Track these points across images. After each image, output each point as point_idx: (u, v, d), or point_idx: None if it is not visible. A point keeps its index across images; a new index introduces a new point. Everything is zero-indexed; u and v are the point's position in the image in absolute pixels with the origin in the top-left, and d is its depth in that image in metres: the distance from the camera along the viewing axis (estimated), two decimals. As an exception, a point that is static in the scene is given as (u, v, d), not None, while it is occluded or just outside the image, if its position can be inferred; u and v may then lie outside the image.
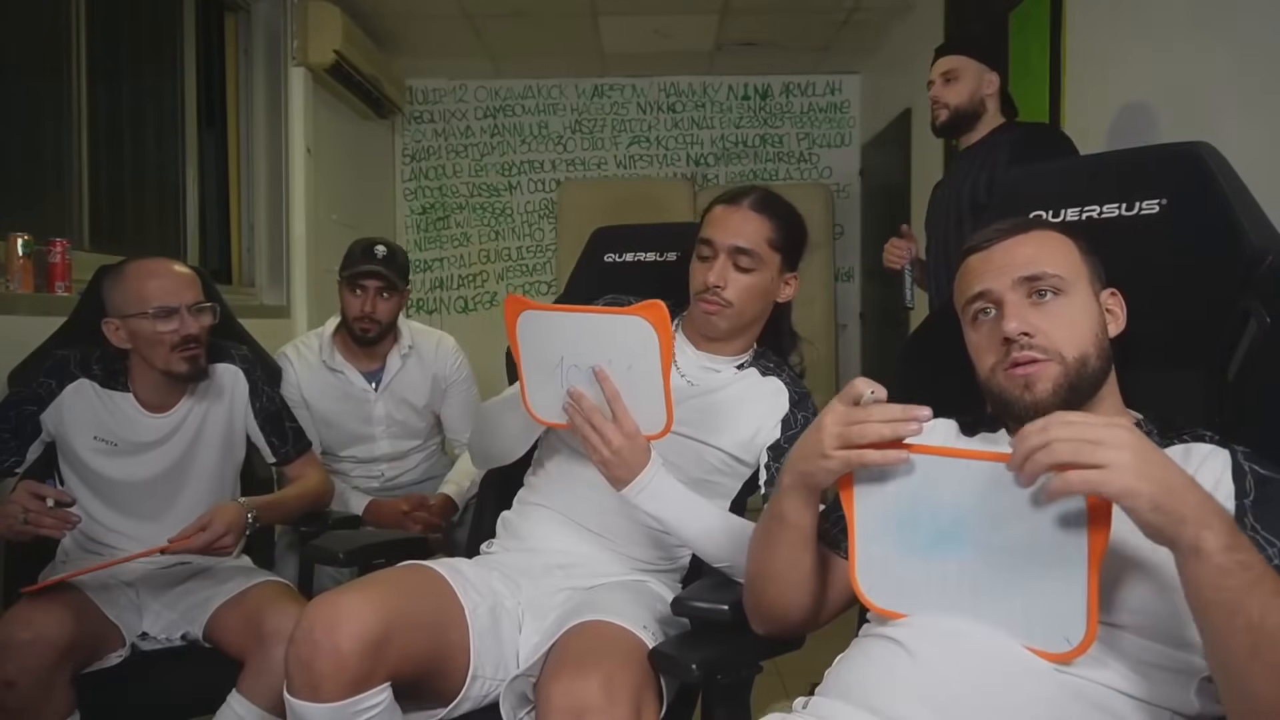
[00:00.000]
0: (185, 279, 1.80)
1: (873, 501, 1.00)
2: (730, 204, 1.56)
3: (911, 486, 0.97)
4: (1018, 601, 0.92)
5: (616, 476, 1.35)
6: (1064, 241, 1.13)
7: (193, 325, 1.77)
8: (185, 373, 1.82)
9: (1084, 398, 1.08)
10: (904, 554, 0.99)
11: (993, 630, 0.95)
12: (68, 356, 1.86)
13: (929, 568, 0.97)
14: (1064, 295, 1.08)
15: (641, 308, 1.28)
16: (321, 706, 1.22)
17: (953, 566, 0.95)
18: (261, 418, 1.99)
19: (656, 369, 1.28)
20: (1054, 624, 0.90)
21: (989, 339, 1.11)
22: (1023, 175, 1.36)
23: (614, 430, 1.32)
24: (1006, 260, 1.11)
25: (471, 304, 5.53)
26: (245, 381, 1.98)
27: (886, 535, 0.99)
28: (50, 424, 1.82)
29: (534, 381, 1.40)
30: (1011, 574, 0.91)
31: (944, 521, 0.95)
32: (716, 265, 1.52)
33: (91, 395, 1.83)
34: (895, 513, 0.98)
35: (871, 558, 1.02)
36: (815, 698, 1.04)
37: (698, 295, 1.56)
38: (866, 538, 1.01)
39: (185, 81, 3.53)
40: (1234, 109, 2.11)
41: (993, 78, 2.56)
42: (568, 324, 1.36)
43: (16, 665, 1.52)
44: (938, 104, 2.57)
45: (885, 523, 0.99)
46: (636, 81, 5.48)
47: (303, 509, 2.01)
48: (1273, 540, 0.94)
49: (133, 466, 1.84)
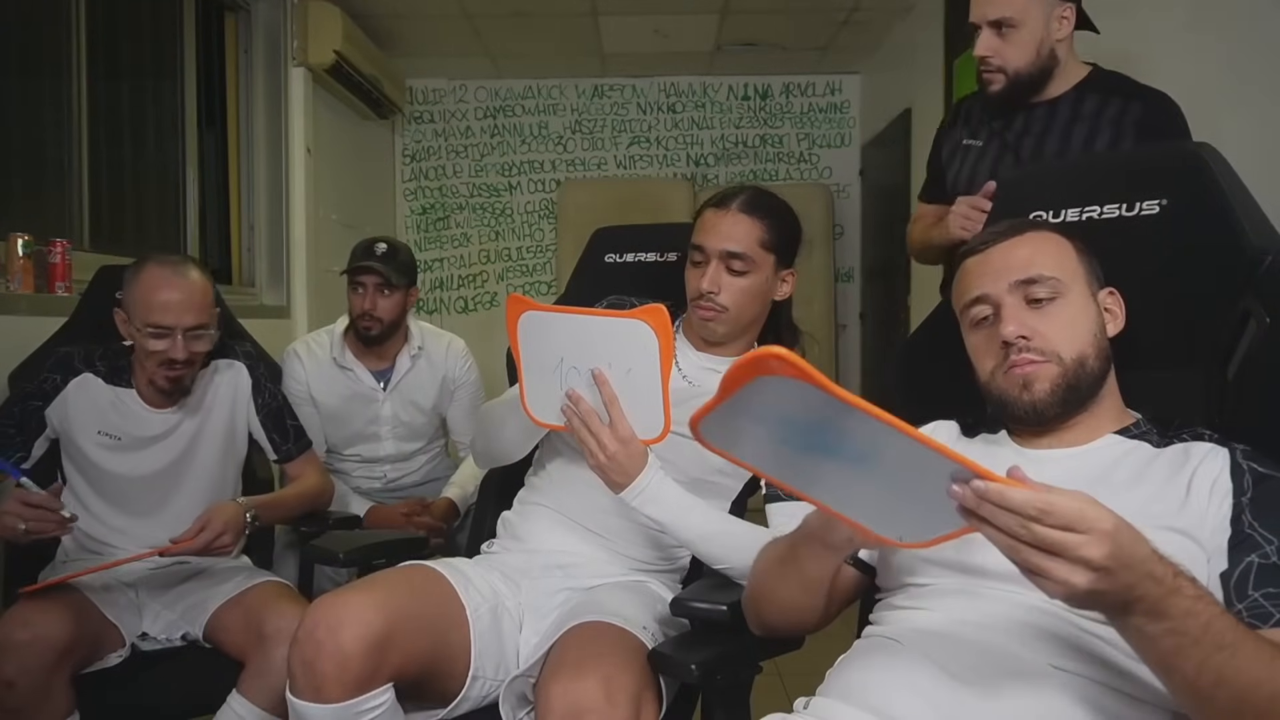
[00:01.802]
0: (190, 300, 1.75)
1: (769, 400, 0.83)
2: (719, 207, 1.55)
3: (818, 413, 0.81)
4: (888, 505, 0.85)
5: (613, 480, 1.35)
6: (1060, 242, 1.13)
7: (181, 351, 1.75)
8: (165, 390, 1.82)
9: (1083, 398, 1.08)
10: (778, 442, 0.86)
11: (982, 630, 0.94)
12: (72, 353, 1.86)
13: (796, 458, 0.86)
14: (1061, 297, 1.08)
15: (642, 311, 1.28)
16: (324, 707, 1.22)
17: (822, 467, 0.85)
18: (264, 414, 1.99)
19: (656, 373, 1.28)
20: (921, 528, 0.84)
21: (988, 342, 1.11)
22: (1023, 175, 1.36)
23: (610, 435, 1.32)
24: (1003, 263, 1.11)
25: (471, 304, 5.53)
26: (249, 378, 1.98)
27: (765, 420, 0.85)
28: (55, 419, 1.82)
29: (533, 382, 1.40)
30: (887, 489, 0.84)
31: (829, 441, 0.82)
32: (709, 271, 1.52)
33: (96, 390, 1.84)
34: (786, 414, 0.83)
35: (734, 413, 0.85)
36: (815, 698, 1.04)
37: (693, 301, 1.56)
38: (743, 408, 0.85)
39: (185, 81, 3.53)
40: (1234, 109, 2.10)
41: (1066, 10, 1.84)
42: (568, 326, 1.35)
43: (16, 665, 1.52)
44: (989, 68, 1.88)
45: (770, 412, 0.84)
46: (636, 82, 5.48)
47: (302, 509, 2.01)
48: (1270, 537, 0.94)
49: (136, 461, 1.85)
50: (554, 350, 1.35)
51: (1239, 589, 0.93)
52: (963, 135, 2.08)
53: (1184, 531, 0.97)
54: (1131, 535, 0.77)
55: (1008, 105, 1.92)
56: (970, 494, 0.76)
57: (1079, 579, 0.75)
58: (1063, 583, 0.75)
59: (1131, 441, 1.09)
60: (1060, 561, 0.75)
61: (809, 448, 0.84)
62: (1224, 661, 0.80)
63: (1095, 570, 0.75)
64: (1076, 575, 0.75)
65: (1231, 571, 0.94)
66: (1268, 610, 0.90)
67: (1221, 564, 0.95)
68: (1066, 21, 1.86)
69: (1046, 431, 1.11)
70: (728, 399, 0.83)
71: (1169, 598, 0.79)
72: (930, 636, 1.00)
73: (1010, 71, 1.86)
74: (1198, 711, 0.84)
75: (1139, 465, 1.06)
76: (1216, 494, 0.99)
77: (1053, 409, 1.07)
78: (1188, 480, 1.01)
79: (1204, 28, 2.26)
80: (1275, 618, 0.89)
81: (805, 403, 0.80)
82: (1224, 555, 0.96)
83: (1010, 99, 1.90)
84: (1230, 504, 0.98)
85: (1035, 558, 0.76)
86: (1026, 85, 1.88)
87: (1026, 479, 0.77)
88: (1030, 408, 1.07)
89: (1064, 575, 0.75)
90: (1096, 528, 0.75)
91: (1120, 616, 0.81)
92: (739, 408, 0.84)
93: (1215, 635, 0.80)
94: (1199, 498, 0.99)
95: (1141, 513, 0.85)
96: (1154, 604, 0.79)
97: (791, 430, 0.84)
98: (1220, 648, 0.80)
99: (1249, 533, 0.95)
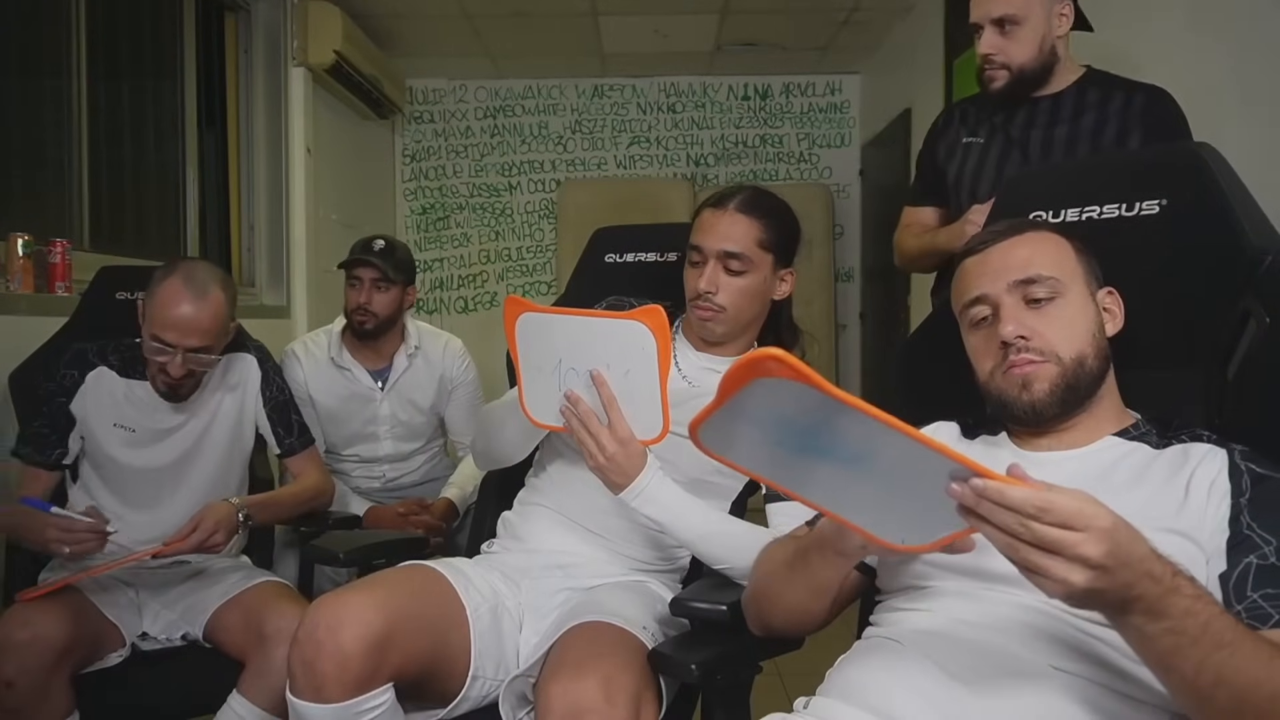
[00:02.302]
0: (198, 324, 1.74)
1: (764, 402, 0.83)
2: (717, 207, 1.55)
3: (815, 414, 0.81)
4: (885, 507, 0.85)
5: (612, 481, 1.35)
6: (1059, 242, 1.13)
7: (178, 369, 1.75)
8: (161, 394, 1.83)
9: (1082, 398, 1.08)
10: (774, 444, 0.86)
11: (979, 629, 0.94)
12: (86, 348, 1.88)
13: (792, 460, 0.86)
14: (1060, 297, 1.08)
15: (640, 313, 1.28)
16: (325, 707, 1.22)
17: (819, 469, 0.85)
18: (270, 407, 2.00)
19: (654, 374, 1.28)
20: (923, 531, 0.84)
21: (987, 343, 1.12)
22: (1023, 175, 1.36)
23: (609, 436, 1.32)
24: (1002, 263, 1.11)
25: (471, 304, 5.53)
26: (259, 370, 2.00)
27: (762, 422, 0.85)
28: (78, 412, 1.84)
29: (532, 384, 1.40)
30: (886, 491, 0.84)
31: (824, 442, 0.82)
32: (707, 271, 1.52)
33: (111, 383, 1.86)
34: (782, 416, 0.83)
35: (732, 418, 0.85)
36: (815, 698, 1.04)
37: (691, 302, 1.56)
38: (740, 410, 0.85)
39: (185, 81, 3.53)
40: (1234, 109, 2.10)
41: (1065, 6, 1.87)
42: (567, 327, 1.35)
43: (16, 665, 1.52)
44: (993, 65, 1.89)
45: (766, 415, 0.84)
46: (636, 82, 5.48)
47: (299, 508, 2.01)
48: (1268, 538, 0.94)
49: (150, 455, 1.86)
50: (552, 352, 1.35)
51: (1237, 590, 0.93)
52: (960, 134, 2.07)
53: (1183, 533, 0.97)
54: (1129, 534, 0.77)
55: (1010, 101, 1.93)
56: (969, 492, 0.76)
57: (1077, 577, 0.75)
58: (1061, 581, 0.75)
59: (1130, 443, 1.09)
60: (1058, 560, 0.75)
61: (805, 449, 0.84)
62: (1223, 661, 0.80)
63: (1093, 568, 0.75)
64: (1075, 573, 0.75)
65: (1230, 573, 0.94)
66: (1266, 611, 0.90)
67: (1220, 565, 0.95)
68: (1066, 19, 1.89)
69: (1046, 433, 1.11)
70: (726, 403, 0.83)
71: (1168, 597, 0.79)
72: (931, 637, 0.99)
73: (1014, 67, 1.87)
74: (1197, 712, 0.84)
75: (1138, 467, 1.06)
76: (1215, 495, 0.99)
77: (1051, 409, 1.07)
78: (1186, 481, 1.01)
79: (1204, 28, 2.25)
80: (1274, 618, 0.89)
81: (802, 404, 0.80)
82: (1222, 556, 0.96)
83: (1013, 95, 1.91)
84: (1228, 505, 0.98)
85: (1034, 556, 0.76)
86: (1030, 81, 1.90)
87: (1026, 477, 0.77)
88: (1029, 408, 1.08)
89: (1062, 573, 0.75)
90: (1094, 525, 0.75)
91: (1119, 616, 0.81)
92: (736, 411, 0.84)
93: (1214, 635, 0.80)
94: (1197, 499, 0.99)
95: (1141, 514, 0.85)
96: (1153, 603, 0.79)
97: (788, 432, 0.84)
98: (1219, 647, 0.80)
99: (1247, 534, 0.95)
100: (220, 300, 1.77)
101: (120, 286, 2.07)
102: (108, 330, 1.93)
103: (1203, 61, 2.22)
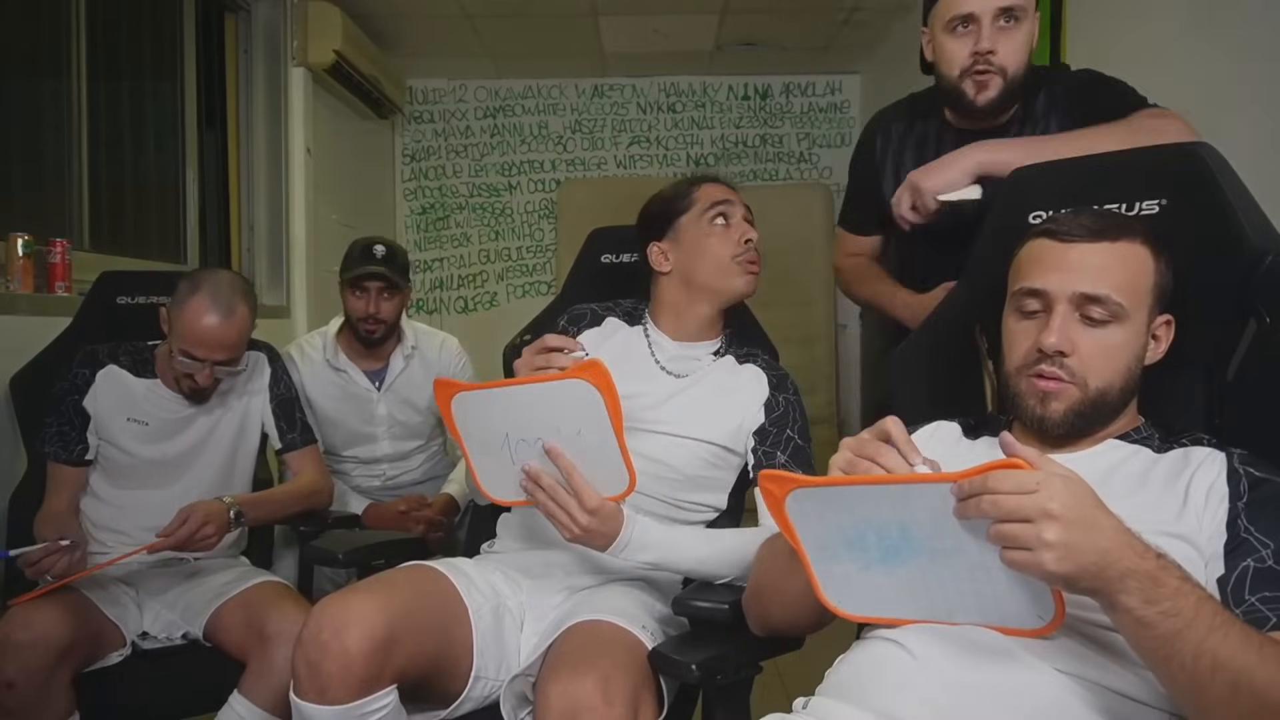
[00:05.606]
0: (227, 340, 1.82)
1: (814, 529, 0.96)
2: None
3: (848, 513, 0.93)
4: (985, 591, 0.90)
5: (596, 546, 1.35)
6: (1145, 259, 1.08)
7: (204, 380, 1.84)
8: (185, 396, 1.90)
9: (1093, 425, 1.08)
10: (862, 569, 0.95)
11: (976, 626, 0.95)
12: (96, 349, 1.92)
13: (890, 576, 0.94)
14: (1116, 324, 1.05)
15: (580, 369, 1.25)
16: (329, 709, 1.22)
17: (913, 572, 0.92)
18: (277, 403, 2.04)
19: (608, 429, 1.25)
20: (1025, 606, 0.89)
21: (1025, 336, 1.09)
22: (1023, 175, 1.36)
23: (578, 508, 1.30)
24: (1078, 265, 1.06)
25: (471, 304, 5.53)
26: (269, 367, 2.04)
27: (838, 557, 0.96)
28: (90, 409, 1.87)
29: (483, 463, 1.36)
30: (969, 570, 0.89)
31: (892, 537, 0.91)
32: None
33: (122, 379, 1.90)
34: (840, 537, 0.94)
35: (833, 575, 0.98)
36: (815, 698, 1.04)
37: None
38: (822, 560, 0.97)
39: (185, 82, 3.53)
40: (1234, 109, 2.10)
41: (1037, 17, 1.65)
42: (506, 399, 1.30)
43: (16, 666, 1.53)
44: (990, 66, 1.59)
45: (833, 547, 0.95)
46: (636, 81, 5.47)
47: (294, 507, 2.01)
48: (1266, 541, 0.94)
49: (162, 445, 1.90)
50: (496, 427, 1.31)
51: (1235, 594, 0.93)
52: (905, 158, 1.79)
53: (1183, 537, 0.97)
54: (1085, 490, 0.82)
55: (988, 116, 1.65)
56: (963, 505, 0.80)
57: (1049, 533, 0.78)
58: (1035, 538, 0.79)
59: (1132, 446, 1.09)
60: (1027, 526, 0.79)
61: (882, 557, 0.93)
62: (1219, 644, 0.80)
63: (1054, 518, 0.78)
64: (1046, 530, 0.79)
65: (1228, 576, 0.94)
66: (1264, 614, 0.90)
67: (1218, 569, 0.95)
68: (1036, 23, 1.65)
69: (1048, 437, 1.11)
70: (802, 544, 0.97)
71: (1160, 573, 0.80)
72: (931, 637, 0.99)
73: (1009, 74, 1.60)
74: (1197, 706, 0.84)
75: (1139, 471, 1.06)
76: (1213, 499, 0.99)
77: (1060, 429, 1.07)
78: (1185, 485, 1.01)
79: (1204, 29, 2.25)
80: (1272, 621, 0.89)
81: (848, 511, 0.91)
82: (1220, 560, 0.96)
83: (996, 112, 1.64)
84: (1226, 508, 0.98)
85: (1010, 529, 0.80)
86: (1009, 98, 1.63)
87: (1015, 445, 0.85)
88: (1039, 421, 1.07)
89: (1034, 531, 0.79)
90: (1049, 484, 0.80)
91: (1115, 597, 0.81)
92: (819, 545, 0.97)
93: (1208, 616, 0.81)
94: (1196, 503, 0.99)
95: (1142, 519, 0.85)
96: (1144, 580, 0.80)
97: (856, 547, 0.93)
98: (1213, 629, 0.81)
99: (1245, 537, 0.95)
100: (246, 315, 1.84)
101: (121, 291, 2.08)
102: (109, 336, 1.96)
103: (1203, 62, 2.22)
